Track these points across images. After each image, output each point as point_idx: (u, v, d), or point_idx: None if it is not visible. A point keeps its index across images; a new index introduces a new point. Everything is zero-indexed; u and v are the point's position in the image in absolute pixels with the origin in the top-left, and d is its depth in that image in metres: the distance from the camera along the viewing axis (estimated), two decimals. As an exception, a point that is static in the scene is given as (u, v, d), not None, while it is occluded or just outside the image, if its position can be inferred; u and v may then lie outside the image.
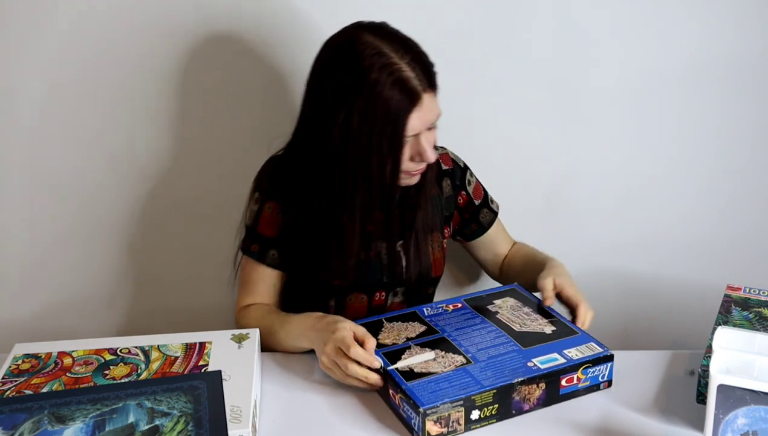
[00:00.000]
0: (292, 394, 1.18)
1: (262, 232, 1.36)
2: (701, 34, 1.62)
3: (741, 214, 1.75)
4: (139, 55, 1.55)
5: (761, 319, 1.26)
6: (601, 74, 1.64)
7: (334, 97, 1.19)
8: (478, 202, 1.47)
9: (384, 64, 1.15)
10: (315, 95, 1.25)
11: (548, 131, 1.68)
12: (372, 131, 1.18)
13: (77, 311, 1.72)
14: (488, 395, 1.07)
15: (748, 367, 0.95)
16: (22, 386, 1.08)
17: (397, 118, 1.17)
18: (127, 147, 1.61)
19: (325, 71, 1.23)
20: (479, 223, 1.48)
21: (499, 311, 1.28)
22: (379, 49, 1.16)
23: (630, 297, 1.79)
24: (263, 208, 1.35)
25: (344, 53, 1.19)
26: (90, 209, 1.65)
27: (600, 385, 1.15)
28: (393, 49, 1.17)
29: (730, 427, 0.92)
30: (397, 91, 1.15)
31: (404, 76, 1.15)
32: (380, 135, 1.18)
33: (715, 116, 1.68)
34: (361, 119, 1.17)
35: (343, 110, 1.18)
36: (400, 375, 1.10)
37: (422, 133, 1.20)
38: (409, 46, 1.19)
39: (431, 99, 1.19)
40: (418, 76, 1.17)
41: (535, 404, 1.11)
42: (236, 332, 1.22)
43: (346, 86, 1.18)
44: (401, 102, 1.16)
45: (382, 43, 1.17)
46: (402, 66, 1.16)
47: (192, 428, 0.93)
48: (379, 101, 1.15)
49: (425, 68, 1.19)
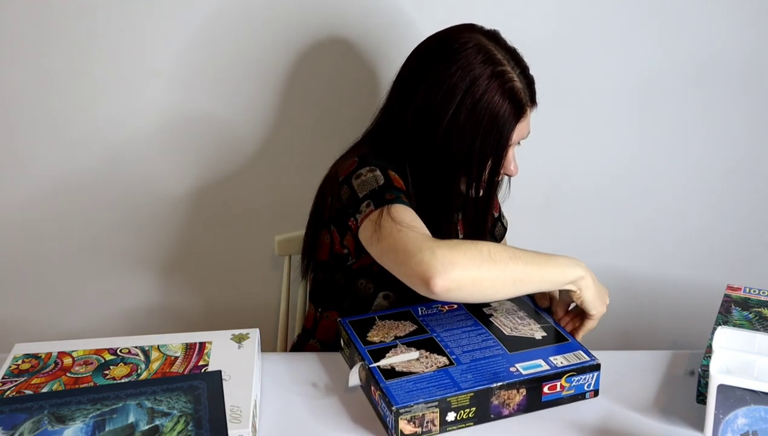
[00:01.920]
0: (292, 394, 1.18)
1: (400, 186, 1.19)
2: (701, 35, 1.63)
3: (741, 214, 1.75)
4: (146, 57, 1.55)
5: (761, 319, 1.26)
6: (601, 74, 1.64)
7: (442, 95, 1.18)
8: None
9: (498, 71, 1.17)
10: (415, 92, 1.21)
11: (548, 131, 1.68)
12: (477, 133, 1.18)
13: (77, 311, 1.72)
14: (465, 398, 1.06)
15: (748, 367, 0.95)
16: (22, 386, 1.08)
17: (504, 125, 1.18)
18: (127, 147, 1.61)
19: (431, 68, 1.20)
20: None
21: (493, 313, 1.27)
22: (492, 55, 1.17)
23: (630, 297, 1.79)
24: (387, 172, 1.19)
25: (455, 54, 1.18)
26: (90, 209, 1.65)
27: (586, 394, 1.14)
28: (505, 58, 1.19)
29: (730, 427, 0.92)
30: (507, 100, 1.17)
31: (516, 86, 1.17)
32: (485, 138, 1.18)
33: (716, 116, 1.68)
34: (468, 119, 1.17)
35: (452, 107, 1.18)
36: (381, 373, 1.10)
37: (514, 146, 1.23)
38: (519, 59, 1.21)
39: (531, 113, 1.22)
40: (525, 90, 1.19)
41: (515, 410, 1.10)
42: (236, 332, 1.21)
43: (455, 84, 1.17)
44: (510, 111, 1.18)
45: (495, 49, 1.18)
46: (514, 76, 1.18)
47: (192, 428, 0.93)
48: (490, 106, 1.16)
49: (531, 84, 1.21)
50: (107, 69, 1.56)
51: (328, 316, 1.36)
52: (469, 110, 1.17)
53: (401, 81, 1.26)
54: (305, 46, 1.57)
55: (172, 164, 1.63)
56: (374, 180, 1.17)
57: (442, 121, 1.18)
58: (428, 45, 1.24)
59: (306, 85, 1.60)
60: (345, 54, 1.57)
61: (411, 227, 1.08)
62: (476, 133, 1.18)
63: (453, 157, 1.20)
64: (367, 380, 1.13)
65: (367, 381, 1.13)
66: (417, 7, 1.57)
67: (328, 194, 1.25)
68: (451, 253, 1.02)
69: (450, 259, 1.01)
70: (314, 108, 1.61)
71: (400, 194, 1.15)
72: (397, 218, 1.09)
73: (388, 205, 1.12)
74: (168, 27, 1.54)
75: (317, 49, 1.58)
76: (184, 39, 1.55)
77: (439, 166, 1.22)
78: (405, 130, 1.23)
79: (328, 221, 1.26)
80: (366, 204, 1.15)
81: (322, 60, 1.59)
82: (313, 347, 1.42)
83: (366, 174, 1.19)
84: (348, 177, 1.21)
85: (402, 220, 1.09)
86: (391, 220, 1.09)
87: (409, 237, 1.06)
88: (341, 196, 1.21)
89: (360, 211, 1.16)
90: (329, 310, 1.23)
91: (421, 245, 1.03)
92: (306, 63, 1.58)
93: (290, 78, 1.59)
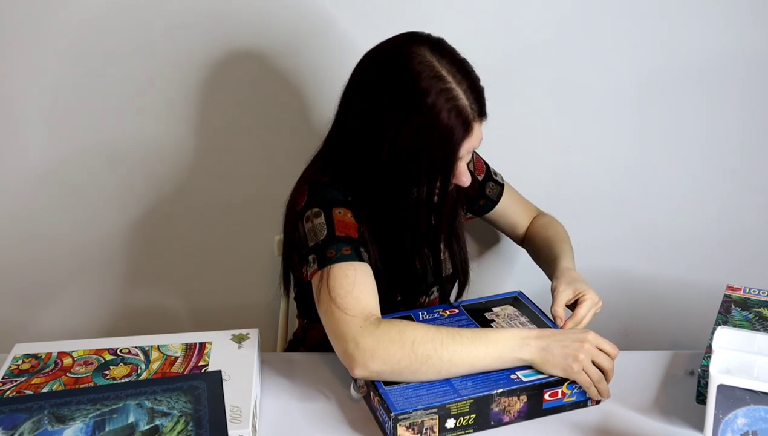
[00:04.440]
0: (292, 394, 1.18)
1: (344, 234, 1.18)
2: (701, 34, 1.62)
3: (741, 214, 1.75)
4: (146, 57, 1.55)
5: (761, 319, 1.26)
6: (601, 74, 1.64)
7: (384, 113, 1.15)
8: (481, 177, 1.45)
9: (442, 88, 1.12)
10: (360, 107, 1.19)
11: (548, 131, 1.68)
12: (422, 152, 1.15)
13: (77, 311, 1.72)
14: (464, 405, 1.05)
15: (748, 367, 0.95)
16: (22, 386, 1.08)
17: (451, 144, 1.14)
18: (129, 148, 1.61)
19: (374, 84, 1.17)
20: (486, 197, 1.47)
21: (495, 318, 1.26)
22: (437, 72, 1.12)
23: (630, 297, 1.79)
24: (331, 215, 1.19)
25: (399, 69, 1.14)
26: (90, 209, 1.65)
27: (587, 401, 1.13)
28: (451, 72, 1.13)
29: (730, 427, 0.92)
30: (453, 119, 1.13)
31: (461, 104, 1.13)
32: (431, 156, 1.15)
33: (716, 116, 1.68)
34: (412, 138, 1.14)
35: (393, 127, 1.14)
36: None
37: (465, 158, 1.20)
38: (467, 71, 1.16)
39: (479, 127, 1.18)
40: (472, 105, 1.14)
41: (515, 417, 1.09)
42: (236, 332, 1.21)
43: (399, 104, 1.13)
44: (456, 130, 1.13)
45: (440, 64, 1.13)
46: (459, 93, 1.13)
47: (192, 428, 0.93)
48: (435, 124, 1.12)
49: (479, 97, 1.16)
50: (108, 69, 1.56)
51: (315, 327, 1.35)
52: (414, 129, 1.13)
53: (347, 95, 1.22)
54: (305, 47, 1.57)
55: (172, 164, 1.63)
56: (317, 230, 1.18)
57: (386, 140, 1.15)
58: (372, 57, 1.20)
59: (306, 85, 1.60)
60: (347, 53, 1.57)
61: (345, 307, 1.11)
62: (421, 152, 1.14)
63: (399, 174, 1.17)
64: (366, 386, 1.13)
65: (366, 391, 1.13)
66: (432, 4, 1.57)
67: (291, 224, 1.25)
68: (375, 345, 1.07)
69: (371, 353, 1.07)
70: (315, 108, 1.61)
71: (342, 247, 1.15)
72: (334, 290, 1.12)
73: (329, 266, 1.14)
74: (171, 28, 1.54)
75: (318, 49, 1.58)
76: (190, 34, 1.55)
77: (387, 183, 1.19)
78: (352, 146, 1.21)
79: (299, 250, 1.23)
80: (312, 258, 1.17)
81: (323, 60, 1.59)
82: None
83: (312, 219, 1.19)
84: (301, 213, 1.21)
85: (337, 295, 1.12)
86: (328, 292, 1.13)
87: (339, 322, 1.11)
88: (299, 230, 1.21)
89: (308, 262, 1.18)
90: (316, 321, 1.22)
91: (348, 334, 1.09)
92: (306, 63, 1.58)
93: (291, 78, 1.59)
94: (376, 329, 1.09)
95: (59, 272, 1.68)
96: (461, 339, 1.10)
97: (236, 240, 1.69)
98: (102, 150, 1.61)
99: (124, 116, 1.59)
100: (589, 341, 1.11)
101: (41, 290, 1.69)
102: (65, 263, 1.68)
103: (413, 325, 1.11)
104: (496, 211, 1.49)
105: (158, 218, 1.66)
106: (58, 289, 1.70)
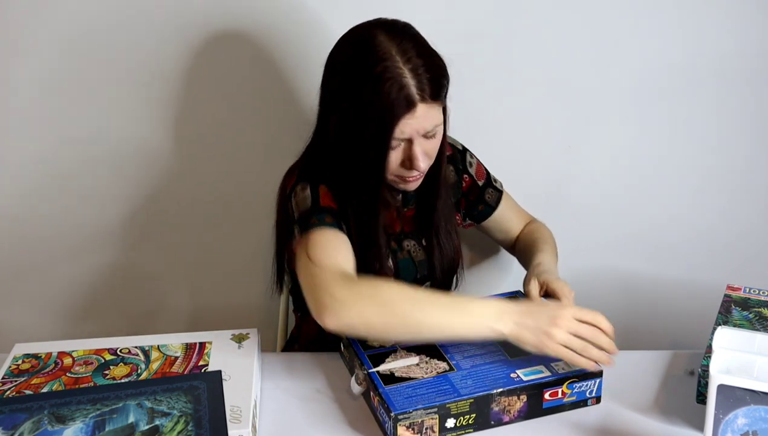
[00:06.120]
0: (292, 394, 1.18)
1: (327, 205, 1.22)
2: (701, 34, 1.62)
3: (741, 214, 1.75)
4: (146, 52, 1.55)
5: (761, 319, 1.26)
6: (601, 74, 1.64)
7: (339, 91, 1.20)
8: (481, 182, 1.46)
9: (388, 67, 1.14)
10: (324, 88, 1.25)
11: (548, 131, 1.68)
12: (362, 128, 1.17)
13: (77, 311, 1.72)
14: (464, 404, 1.05)
15: (748, 367, 0.95)
16: (22, 386, 1.08)
17: (387, 121, 1.15)
18: (128, 147, 1.61)
19: (336, 66, 1.22)
20: (485, 203, 1.47)
21: None
22: (388, 52, 1.15)
23: (630, 297, 1.79)
24: (317, 189, 1.23)
25: (356, 50, 1.19)
26: (90, 209, 1.65)
27: (588, 401, 1.13)
28: (403, 52, 1.15)
29: (730, 427, 0.92)
30: (393, 96, 1.14)
31: (403, 82, 1.14)
32: (368, 134, 1.17)
33: (716, 116, 1.68)
34: (355, 115, 1.17)
35: (345, 104, 1.19)
36: (380, 379, 1.10)
37: (416, 139, 1.19)
38: (422, 53, 1.17)
39: (429, 108, 1.17)
40: (419, 85, 1.15)
41: (515, 416, 1.10)
42: (236, 332, 1.21)
43: (350, 82, 1.18)
44: (394, 107, 1.14)
45: (393, 45, 1.15)
46: (405, 72, 1.14)
47: (192, 428, 0.93)
48: (375, 101, 1.14)
49: (432, 79, 1.16)
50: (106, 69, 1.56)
51: (308, 321, 1.36)
52: (360, 101, 1.16)
53: (321, 83, 1.26)
54: (305, 47, 1.57)
55: (172, 165, 1.63)
56: (304, 201, 1.21)
57: (338, 114, 1.20)
58: (339, 41, 1.24)
59: (307, 85, 1.60)
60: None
61: (322, 264, 1.12)
62: (364, 131, 1.17)
63: (350, 155, 1.21)
64: (366, 385, 1.13)
65: (366, 386, 1.13)
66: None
67: (282, 208, 1.28)
68: (349, 296, 1.08)
69: (344, 302, 1.07)
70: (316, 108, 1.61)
71: (324, 216, 1.18)
72: (312, 249, 1.15)
73: (311, 230, 1.16)
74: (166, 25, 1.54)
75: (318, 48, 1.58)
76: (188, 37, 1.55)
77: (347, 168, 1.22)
78: (324, 134, 1.26)
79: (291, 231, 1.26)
80: (297, 229, 1.20)
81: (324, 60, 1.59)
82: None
83: (299, 193, 1.23)
84: (291, 192, 1.25)
85: (316, 254, 1.14)
86: (307, 253, 1.14)
87: (315, 275, 1.11)
88: (288, 211, 1.24)
89: (294, 236, 1.20)
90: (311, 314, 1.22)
91: (323, 285, 1.09)
92: (307, 62, 1.58)
93: (291, 78, 1.59)
94: (353, 284, 1.10)
95: (59, 271, 1.68)
96: (439, 304, 1.10)
97: (236, 240, 1.69)
98: (102, 150, 1.61)
99: (124, 116, 1.59)
100: (562, 316, 1.08)
101: (41, 290, 1.69)
102: (65, 263, 1.67)
103: (392, 284, 1.12)
104: (493, 218, 1.50)
105: (158, 218, 1.66)
106: (58, 289, 1.70)
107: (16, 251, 1.66)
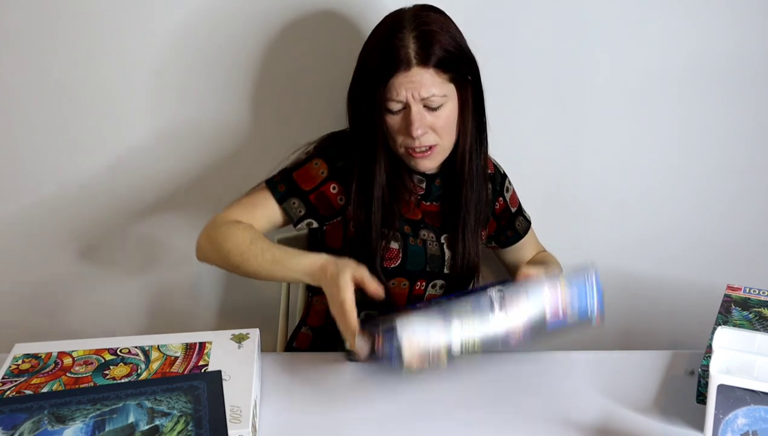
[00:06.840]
0: (292, 394, 1.18)
1: (296, 179, 1.31)
2: (702, 35, 1.62)
3: (741, 214, 1.75)
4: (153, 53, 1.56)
5: (761, 319, 1.26)
6: (602, 74, 1.64)
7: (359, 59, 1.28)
8: (514, 209, 1.48)
9: (393, 29, 1.21)
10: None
11: (549, 131, 1.68)
12: (362, 84, 1.26)
13: (77, 311, 1.72)
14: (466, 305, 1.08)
15: (748, 367, 0.95)
16: (22, 386, 1.08)
17: (381, 73, 1.21)
18: (128, 147, 1.61)
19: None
20: (515, 230, 1.49)
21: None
22: (401, 19, 1.23)
23: (630, 297, 1.79)
24: (310, 161, 1.32)
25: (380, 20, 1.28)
26: (90, 210, 1.65)
27: (592, 319, 1.11)
28: (416, 23, 1.21)
29: (730, 427, 0.92)
30: (387, 56, 1.20)
31: (400, 44, 1.20)
32: (365, 89, 1.24)
33: (716, 116, 1.68)
34: (359, 72, 1.27)
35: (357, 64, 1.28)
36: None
37: (413, 105, 1.22)
38: (438, 29, 1.22)
39: (426, 74, 1.21)
40: (418, 49, 1.20)
41: (521, 338, 1.09)
42: (236, 332, 1.21)
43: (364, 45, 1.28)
44: (387, 65, 1.20)
45: (410, 15, 1.23)
46: (405, 36, 1.20)
47: (192, 428, 0.93)
48: (373, 56, 1.23)
49: (437, 48, 1.21)
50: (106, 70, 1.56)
51: (318, 300, 1.39)
52: (360, 67, 1.27)
53: None
54: (306, 46, 1.57)
55: (172, 165, 1.63)
56: (293, 162, 1.34)
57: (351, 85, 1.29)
58: None
59: (307, 85, 1.60)
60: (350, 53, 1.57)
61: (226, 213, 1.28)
62: (363, 86, 1.25)
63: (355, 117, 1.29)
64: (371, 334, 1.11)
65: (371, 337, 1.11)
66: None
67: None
68: (206, 243, 1.26)
69: (202, 248, 1.27)
70: (317, 107, 1.61)
71: (282, 184, 1.30)
72: (242, 195, 1.33)
73: (266, 184, 1.31)
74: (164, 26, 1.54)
75: (319, 48, 1.58)
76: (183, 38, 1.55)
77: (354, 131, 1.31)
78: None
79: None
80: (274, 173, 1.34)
81: (324, 61, 1.59)
82: (304, 336, 1.44)
83: (302, 154, 1.35)
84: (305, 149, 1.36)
85: (234, 206, 1.30)
86: (251, 192, 1.32)
87: (214, 217, 1.28)
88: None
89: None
90: (320, 294, 1.23)
91: (207, 225, 1.27)
92: (307, 63, 1.58)
93: (291, 78, 1.59)
94: (220, 225, 1.24)
95: (59, 271, 1.68)
96: (263, 259, 1.20)
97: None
98: (102, 151, 1.61)
99: (124, 116, 1.59)
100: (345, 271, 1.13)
101: (41, 290, 1.69)
102: (65, 263, 1.68)
103: (241, 232, 1.23)
104: (516, 246, 1.51)
105: (158, 218, 1.66)
106: (58, 289, 1.70)
107: (16, 251, 1.67)
